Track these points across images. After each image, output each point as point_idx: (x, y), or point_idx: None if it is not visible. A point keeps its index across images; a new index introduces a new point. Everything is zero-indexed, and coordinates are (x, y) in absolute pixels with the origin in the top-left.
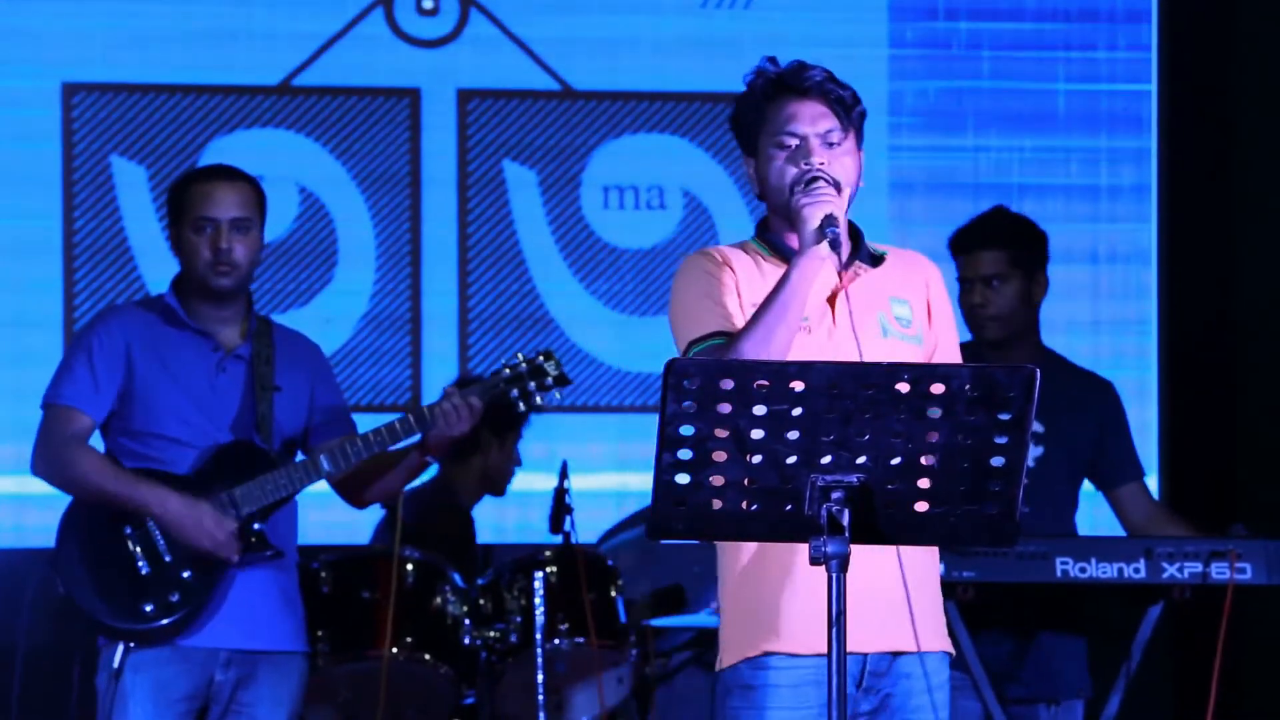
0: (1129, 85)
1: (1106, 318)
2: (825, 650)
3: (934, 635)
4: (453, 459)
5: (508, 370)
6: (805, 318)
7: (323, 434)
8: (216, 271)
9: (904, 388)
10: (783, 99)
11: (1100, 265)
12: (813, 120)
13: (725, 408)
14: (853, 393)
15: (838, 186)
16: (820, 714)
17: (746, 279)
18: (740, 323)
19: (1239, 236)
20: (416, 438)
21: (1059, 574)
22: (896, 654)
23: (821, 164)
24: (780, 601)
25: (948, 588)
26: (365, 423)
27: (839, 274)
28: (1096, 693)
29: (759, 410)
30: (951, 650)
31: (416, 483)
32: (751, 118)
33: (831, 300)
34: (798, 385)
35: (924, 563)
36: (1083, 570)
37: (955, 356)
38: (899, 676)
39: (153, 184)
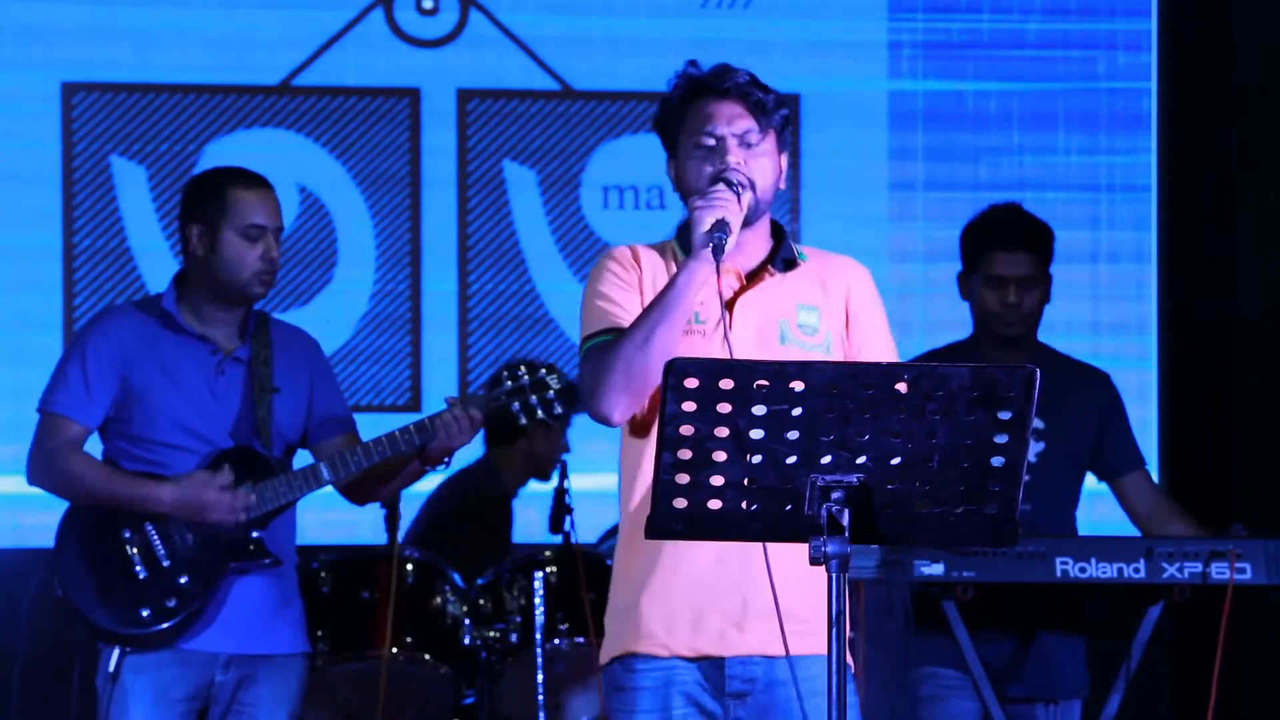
0: (1129, 84)
1: (1106, 318)
2: (685, 653)
3: (813, 639)
4: (498, 442)
5: (509, 382)
6: (702, 320)
7: (321, 433)
8: (261, 280)
9: (903, 388)
10: (702, 100)
11: (1100, 265)
12: (730, 120)
13: (725, 408)
14: (852, 393)
15: (753, 187)
16: (685, 716)
17: (652, 278)
18: (631, 319)
19: (1239, 236)
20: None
21: (1059, 574)
22: (767, 657)
23: (738, 164)
24: (641, 602)
25: (947, 588)
26: (365, 423)
27: (718, 279)
28: (1096, 693)
29: (759, 410)
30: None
31: (461, 465)
32: (672, 118)
33: (731, 304)
34: (797, 385)
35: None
36: (1082, 570)
37: (885, 352)
38: (771, 683)
39: (153, 184)
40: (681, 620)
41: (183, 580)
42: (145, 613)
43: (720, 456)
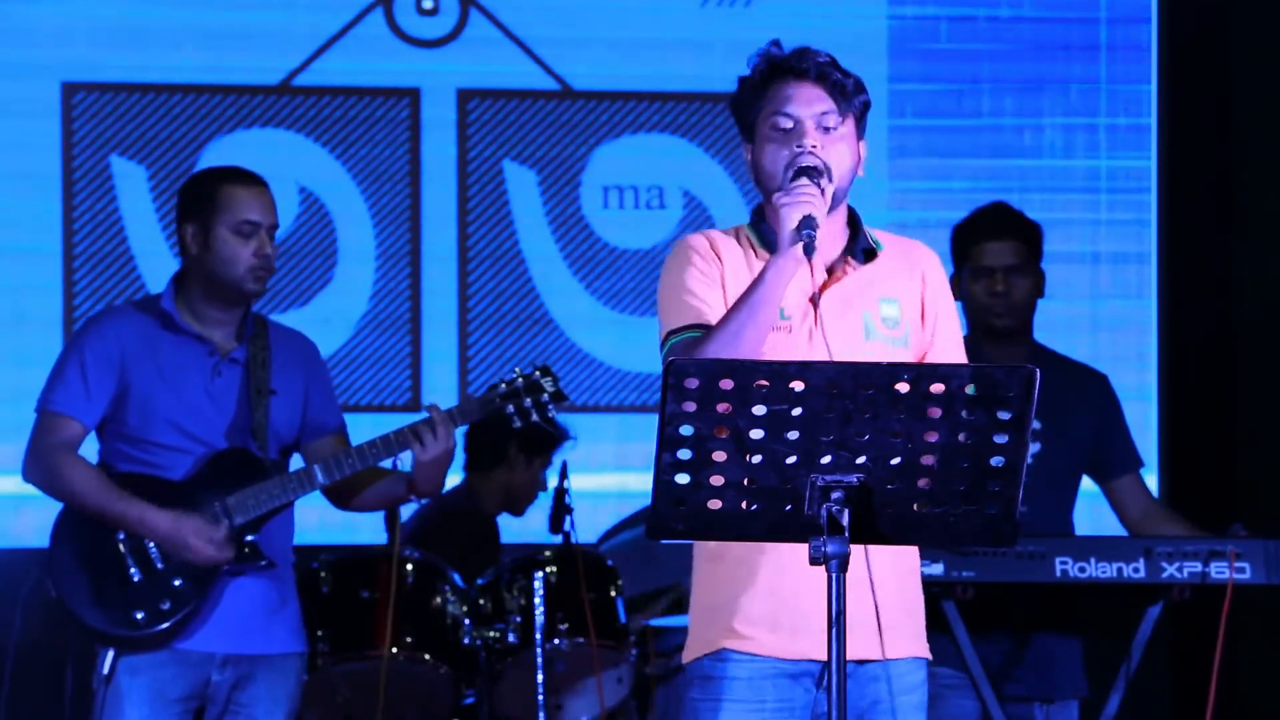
0: (1129, 84)
1: (1106, 318)
2: (781, 654)
3: (905, 641)
4: (478, 468)
5: (504, 386)
6: (787, 316)
7: (312, 436)
8: (256, 277)
9: (903, 388)
10: (781, 81)
11: (1100, 265)
12: (809, 102)
13: (725, 408)
14: (852, 393)
15: (829, 173)
16: (777, 710)
17: (734, 270)
18: (717, 314)
19: (1239, 236)
20: (411, 452)
21: (1058, 574)
22: (861, 661)
23: (815, 146)
24: (740, 603)
25: (947, 588)
26: (365, 423)
27: (812, 277)
28: (1096, 693)
29: (759, 410)
30: (928, 655)
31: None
32: (750, 100)
33: (816, 299)
34: (797, 385)
35: (898, 569)
36: (1082, 570)
37: (955, 353)
38: (866, 681)
39: (153, 184)
40: (783, 623)
41: (177, 582)
42: (139, 615)
43: (720, 456)
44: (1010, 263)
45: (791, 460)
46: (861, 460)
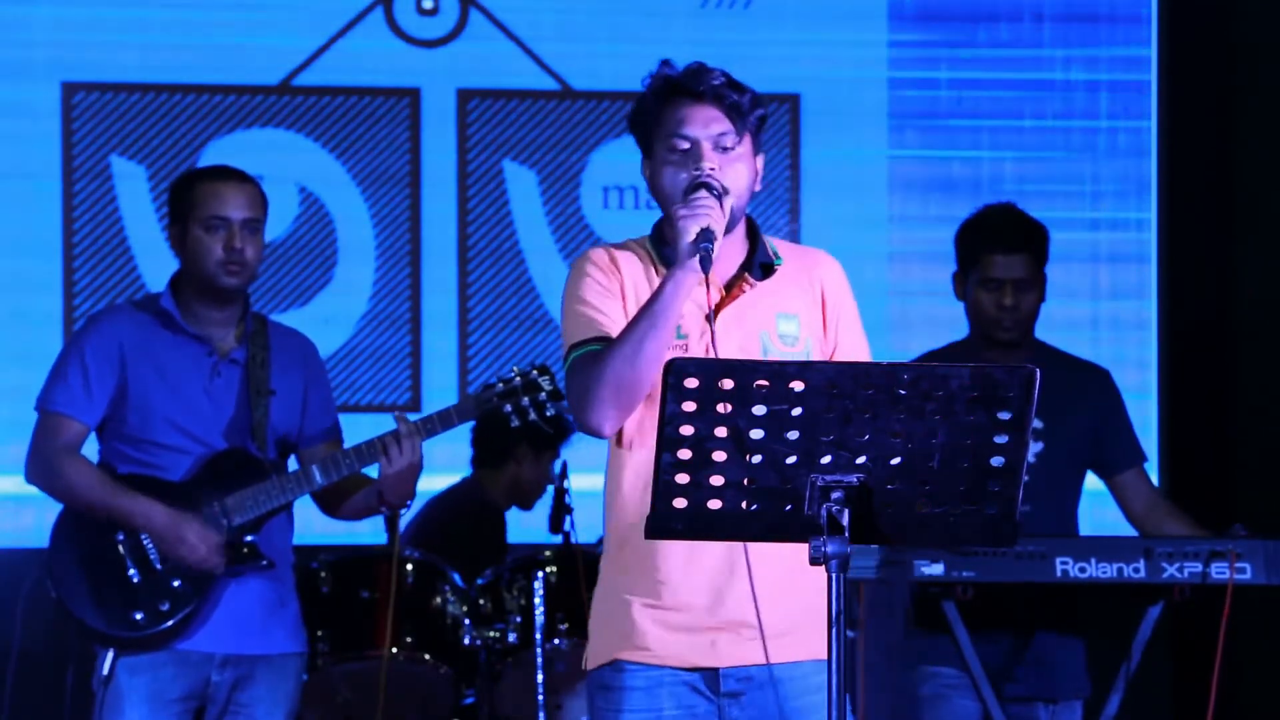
0: (1129, 84)
1: (1106, 318)
2: (677, 663)
3: (792, 645)
4: (486, 464)
5: (501, 384)
6: (684, 334)
7: (310, 438)
8: (227, 271)
9: (904, 388)
10: (676, 101)
11: (1100, 265)
12: (705, 124)
13: (725, 408)
14: (852, 393)
15: (726, 193)
16: (677, 717)
17: (634, 283)
18: (617, 328)
19: (1239, 236)
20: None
21: (1058, 574)
22: (761, 666)
23: (712, 169)
24: (631, 611)
25: (947, 588)
26: (365, 422)
27: (709, 294)
28: (1096, 693)
29: (758, 410)
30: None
31: (448, 484)
32: (647, 120)
33: (711, 317)
34: (797, 385)
35: (780, 570)
36: (1082, 570)
37: (858, 353)
38: (758, 686)
39: (153, 184)
40: (674, 632)
41: (175, 583)
42: (138, 615)
43: (720, 456)
44: (1020, 276)
45: (791, 460)
46: (861, 460)
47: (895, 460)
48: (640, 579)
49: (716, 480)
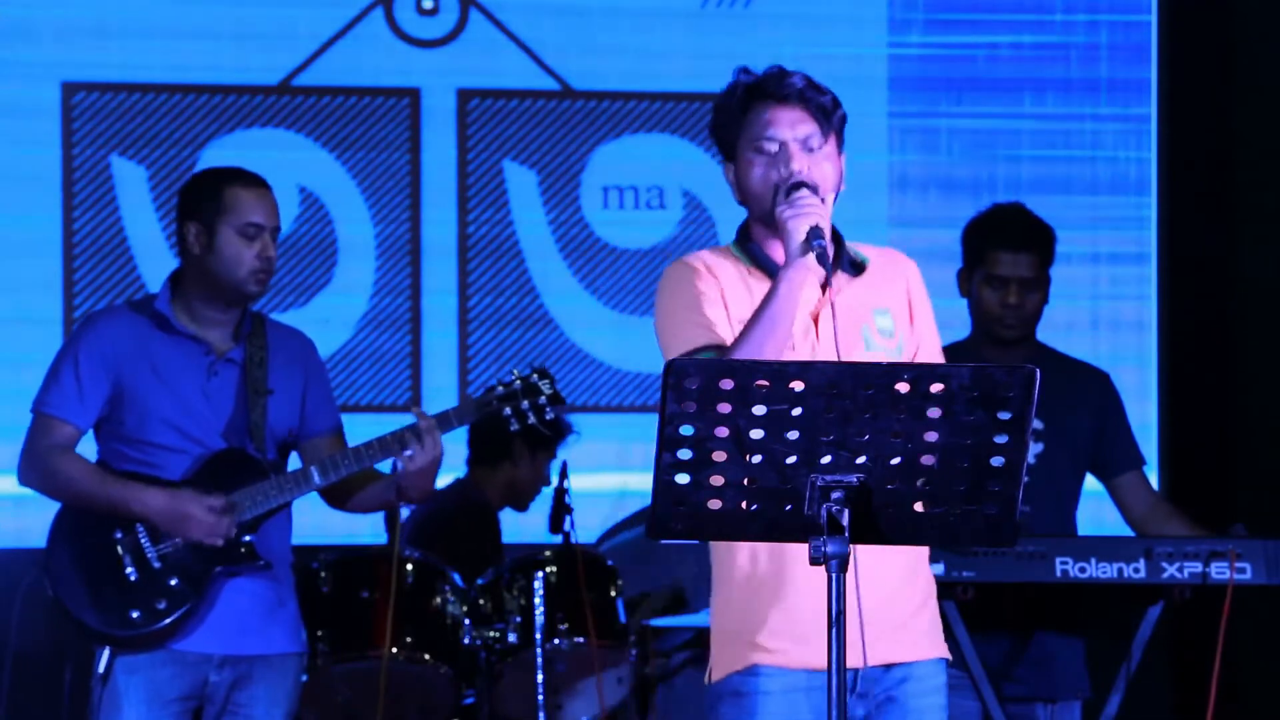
0: (1129, 85)
1: (1106, 318)
2: (813, 664)
3: (912, 645)
4: (481, 462)
5: (501, 388)
6: (790, 333)
7: (311, 435)
8: (257, 279)
9: (903, 388)
10: (761, 105)
11: (1100, 265)
12: (792, 125)
13: (725, 408)
14: (852, 393)
15: (817, 193)
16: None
17: (731, 287)
18: (725, 333)
19: (1239, 236)
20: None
21: (1059, 574)
22: (889, 665)
23: (801, 170)
24: (768, 618)
25: (947, 588)
26: (365, 422)
27: (823, 288)
28: (1096, 693)
29: (759, 410)
30: (945, 655)
31: (444, 483)
32: (730, 124)
33: (816, 315)
34: (797, 385)
35: (894, 574)
36: (1082, 570)
37: (936, 355)
38: (895, 682)
39: (153, 184)
40: (811, 633)
41: (173, 582)
42: (135, 614)
43: (720, 456)
44: (1025, 276)
45: (791, 460)
46: (861, 460)
47: (895, 460)
48: (764, 590)
49: (717, 480)
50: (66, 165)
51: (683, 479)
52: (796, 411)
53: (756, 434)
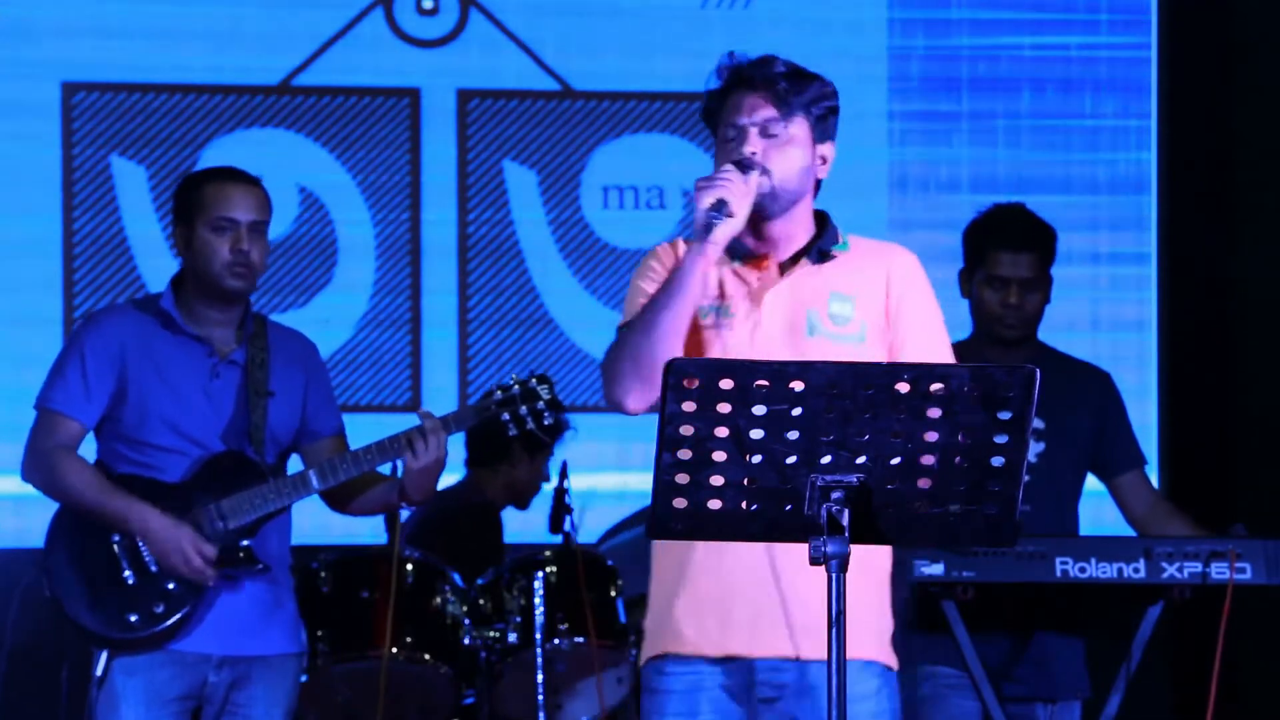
0: (1129, 85)
1: (1106, 318)
2: (715, 654)
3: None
4: (481, 463)
5: (499, 392)
6: (732, 314)
7: (310, 437)
8: (233, 273)
9: (903, 388)
10: (733, 92)
11: (1100, 265)
12: (751, 111)
13: (725, 408)
14: (852, 392)
15: (766, 173)
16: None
17: None
18: None
19: (1239, 236)
20: (402, 459)
21: (1059, 574)
22: (793, 660)
23: (753, 152)
24: (675, 603)
25: (947, 588)
26: (365, 423)
27: (760, 274)
28: (1096, 692)
29: (758, 410)
30: (881, 659)
31: (443, 485)
32: (712, 111)
33: (759, 297)
34: (797, 385)
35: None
36: (1082, 570)
37: (935, 352)
38: (801, 690)
39: (153, 184)
40: (710, 621)
41: (170, 585)
42: (133, 617)
43: (720, 456)
44: (1026, 276)
45: (791, 460)
46: (861, 460)
47: (895, 460)
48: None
49: (716, 480)
50: (66, 165)
51: (683, 479)
52: (796, 411)
53: (756, 434)
